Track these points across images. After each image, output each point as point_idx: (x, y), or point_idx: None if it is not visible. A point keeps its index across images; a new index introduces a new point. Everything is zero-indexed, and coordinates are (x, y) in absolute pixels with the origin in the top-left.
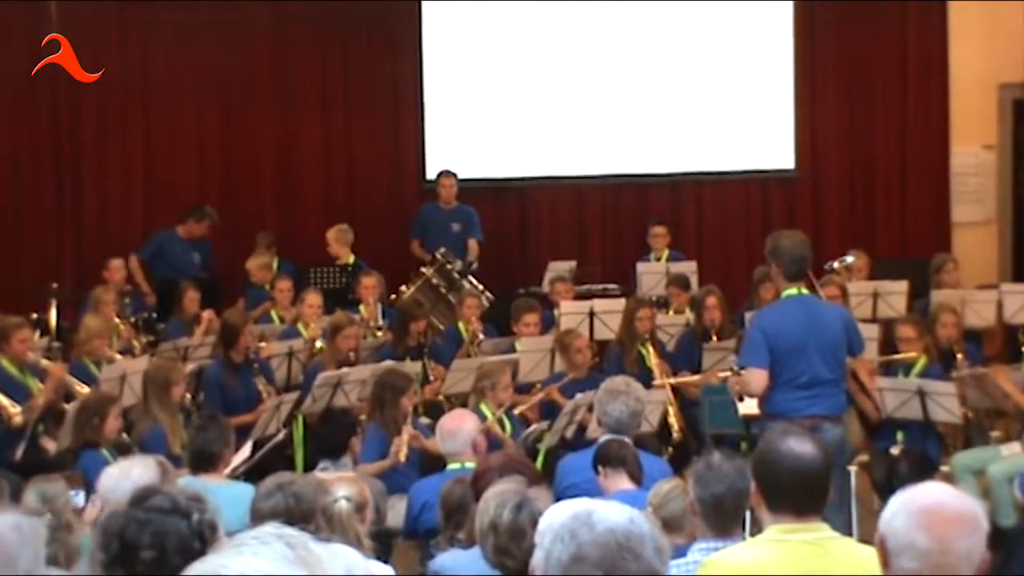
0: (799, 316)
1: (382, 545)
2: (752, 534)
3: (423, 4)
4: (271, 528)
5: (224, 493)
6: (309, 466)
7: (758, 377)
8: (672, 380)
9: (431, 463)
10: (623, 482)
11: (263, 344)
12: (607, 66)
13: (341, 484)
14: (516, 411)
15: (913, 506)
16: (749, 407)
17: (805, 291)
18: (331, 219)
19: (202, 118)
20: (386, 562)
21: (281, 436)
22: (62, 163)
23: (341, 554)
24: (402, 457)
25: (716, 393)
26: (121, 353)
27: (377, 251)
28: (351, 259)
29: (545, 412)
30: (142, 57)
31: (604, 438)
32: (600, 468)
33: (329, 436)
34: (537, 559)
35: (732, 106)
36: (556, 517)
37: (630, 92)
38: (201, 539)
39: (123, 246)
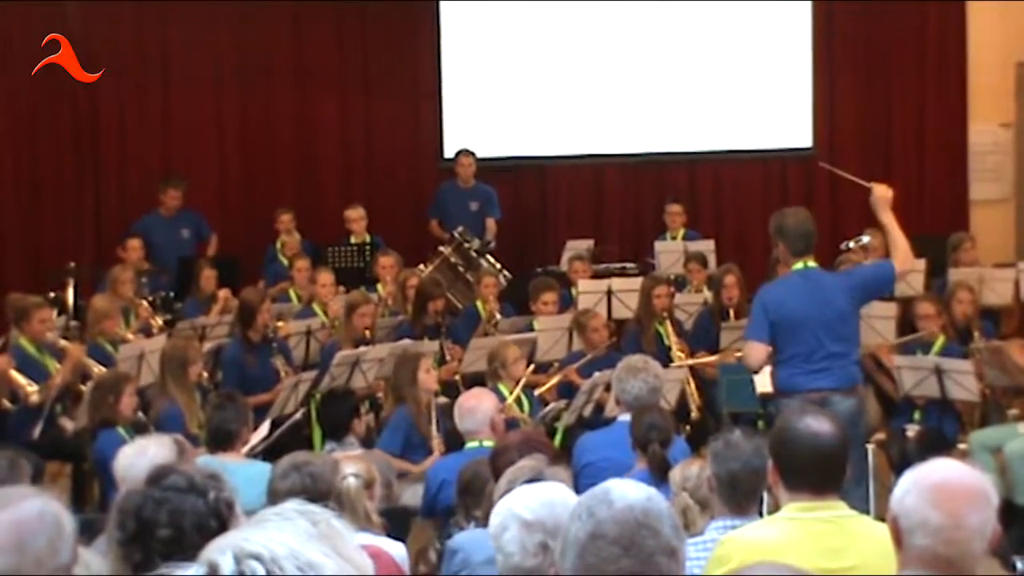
0: (802, 290)
1: (399, 524)
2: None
3: None
4: (293, 505)
5: (241, 472)
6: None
7: (756, 351)
8: (690, 360)
9: (449, 442)
10: None
11: (280, 324)
12: (625, 44)
13: (349, 462)
14: (536, 392)
15: (924, 484)
16: (767, 385)
17: (812, 265)
18: (350, 199)
19: (221, 98)
20: (402, 541)
21: (299, 415)
22: (81, 142)
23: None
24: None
25: (733, 372)
26: (140, 333)
27: (395, 230)
28: (367, 238)
29: (563, 391)
30: (161, 37)
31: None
32: None
33: (330, 417)
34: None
35: (750, 84)
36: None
37: (648, 71)
38: (218, 517)
39: None
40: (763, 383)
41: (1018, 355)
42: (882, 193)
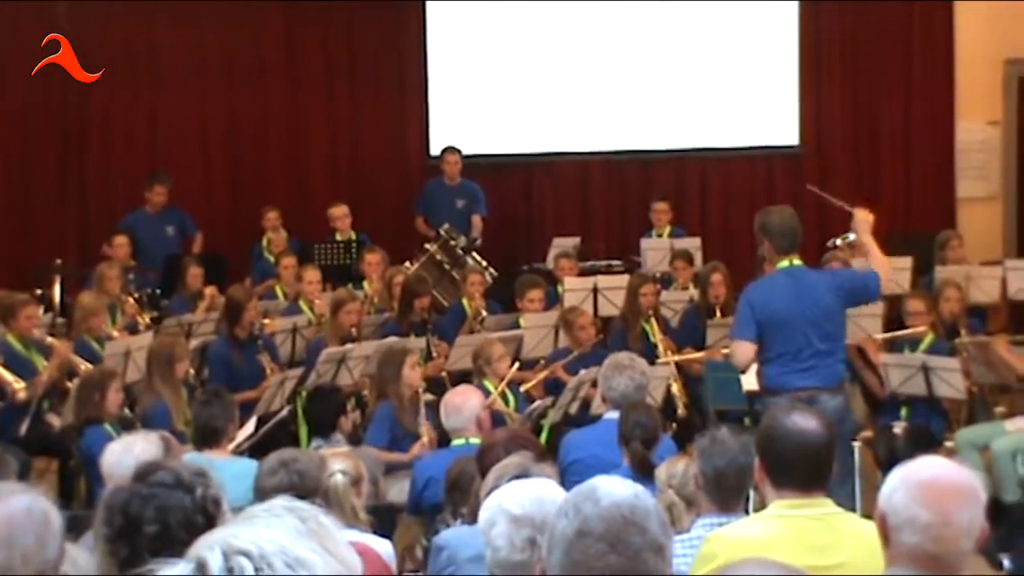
0: (788, 288)
1: (386, 521)
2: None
3: None
4: (282, 501)
5: (228, 469)
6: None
7: (744, 349)
8: (676, 357)
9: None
10: None
11: (267, 321)
12: (611, 41)
13: (336, 459)
14: (522, 389)
15: (912, 481)
16: (753, 383)
17: (798, 263)
18: (336, 196)
19: (208, 96)
20: (389, 537)
21: (285, 412)
22: (68, 139)
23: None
24: (425, 448)
25: (720, 369)
26: (126, 329)
27: (381, 227)
28: (353, 235)
29: (549, 388)
30: (148, 35)
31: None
32: None
33: (317, 414)
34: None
35: (736, 82)
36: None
37: (634, 68)
38: (205, 514)
39: None
40: (749, 381)
41: (1004, 350)
42: (863, 217)
